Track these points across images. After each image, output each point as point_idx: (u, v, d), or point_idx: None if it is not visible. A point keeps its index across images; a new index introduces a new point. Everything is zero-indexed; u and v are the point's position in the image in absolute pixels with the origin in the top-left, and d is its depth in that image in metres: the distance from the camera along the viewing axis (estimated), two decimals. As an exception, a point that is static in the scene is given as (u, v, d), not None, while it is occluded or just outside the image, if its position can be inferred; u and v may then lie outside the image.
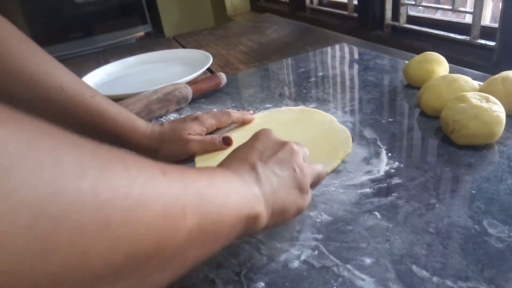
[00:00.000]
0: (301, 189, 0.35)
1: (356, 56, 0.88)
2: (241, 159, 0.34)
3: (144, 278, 0.20)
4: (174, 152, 0.54)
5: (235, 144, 0.57)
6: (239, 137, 0.59)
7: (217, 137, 0.55)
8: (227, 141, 0.56)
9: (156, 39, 2.03)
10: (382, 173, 0.46)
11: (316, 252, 0.36)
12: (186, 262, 0.24)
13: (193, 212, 0.23)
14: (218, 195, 0.27)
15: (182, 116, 0.69)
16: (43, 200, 0.15)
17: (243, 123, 0.62)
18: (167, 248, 0.20)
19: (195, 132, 0.55)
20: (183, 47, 1.20)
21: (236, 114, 0.61)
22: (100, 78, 0.94)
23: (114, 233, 0.17)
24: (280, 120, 0.62)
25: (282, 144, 0.37)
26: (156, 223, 0.20)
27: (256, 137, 0.38)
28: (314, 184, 0.39)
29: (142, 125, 0.53)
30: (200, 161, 0.54)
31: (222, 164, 0.35)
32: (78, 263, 0.16)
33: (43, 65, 0.45)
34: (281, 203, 0.33)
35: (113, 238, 0.17)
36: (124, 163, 0.20)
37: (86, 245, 0.16)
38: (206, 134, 0.57)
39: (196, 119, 0.56)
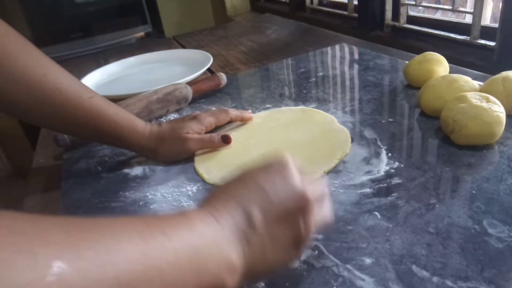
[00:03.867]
0: (297, 247, 0.30)
1: (356, 56, 0.88)
2: (243, 201, 0.28)
3: None
4: (173, 151, 0.54)
5: (234, 143, 0.57)
6: (238, 136, 0.59)
7: (216, 135, 0.56)
8: (226, 140, 0.56)
9: (156, 39, 2.03)
10: (382, 173, 0.46)
11: (316, 252, 0.36)
12: None
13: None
14: (165, 279, 0.21)
15: (182, 116, 0.70)
16: None
17: (242, 120, 0.62)
18: None
19: (193, 131, 0.55)
20: (183, 47, 1.20)
21: (234, 111, 0.61)
22: (100, 79, 0.94)
23: None
24: (280, 120, 0.62)
25: (298, 195, 0.29)
26: None
27: (270, 170, 0.30)
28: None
29: (141, 125, 0.53)
30: (199, 160, 0.54)
31: (218, 196, 0.29)
32: None
33: (40, 68, 0.45)
34: (266, 267, 0.28)
35: None
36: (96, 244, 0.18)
37: None
38: (206, 133, 0.57)
39: (194, 118, 0.56)
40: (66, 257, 0.17)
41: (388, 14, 1.10)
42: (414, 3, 1.02)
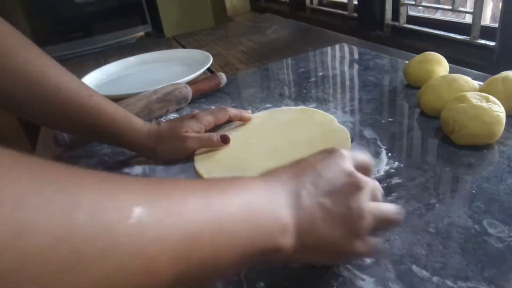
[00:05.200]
0: (351, 232, 0.29)
1: (356, 56, 0.88)
2: (295, 174, 0.29)
3: None
4: (172, 150, 0.54)
5: (235, 143, 0.57)
6: (238, 135, 0.59)
7: (215, 134, 0.56)
8: (224, 139, 0.56)
9: (156, 39, 2.03)
10: (382, 173, 0.46)
11: (316, 252, 0.36)
12: None
13: (169, 262, 0.20)
14: (223, 230, 0.23)
15: (182, 116, 0.70)
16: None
17: (241, 119, 0.62)
18: None
19: (192, 129, 0.55)
20: (183, 47, 1.20)
21: (233, 110, 0.61)
22: (100, 78, 0.94)
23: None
24: (280, 120, 0.62)
25: (349, 175, 0.30)
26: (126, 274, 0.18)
27: (326, 155, 0.31)
28: (380, 230, 0.32)
29: (139, 124, 0.53)
30: (199, 159, 0.54)
31: (275, 171, 0.30)
32: None
33: (40, 66, 0.45)
34: (317, 238, 0.28)
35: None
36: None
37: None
38: (205, 132, 0.57)
39: (193, 117, 0.56)
40: (144, 204, 0.20)
41: (388, 14, 1.10)
42: (414, 3, 1.02)
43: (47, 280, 0.16)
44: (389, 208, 0.32)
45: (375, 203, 0.31)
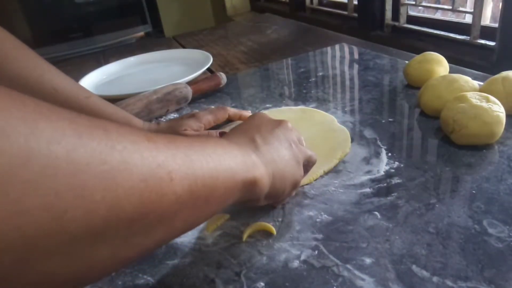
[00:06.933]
0: (297, 162, 0.38)
1: (356, 56, 0.88)
2: (240, 132, 0.36)
3: (127, 240, 0.20)
4: None
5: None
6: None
7: (214, 132, 0.56)
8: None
9: (156, 39, 2.03)
10: (382, 173, 0.46)
11: (316, 252, 0.36)
12: (175, 226, 0.24)
13: (182, 177, 0.23)
14: (210, 159, 0.27)
15: (182, 116, 0.70)
16: (13, 165, 0.15)
17: (240, 119, 0.62)
18: (151, 213, 0.21)
19: (191, 128, 0.55)
20: (183, 47, 1.20)
21: (233, 109, 0.61)
22: (100, 78, 0.94)
23: (90, 197, 0.18)
24: (280, 120, 0.62)
25: (279, 122, 0.39)
26: (138, 188, 0.20)
27: (252, 117, 0.40)
28: (304, 167, 0.40)
29: (138, 124, 0.53)
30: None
31: (225, 136, 0.37)
32: (53, 225, 0.16)
33: (37, 69, 0.46)
34: (281, 171, 0.35)
35: (90, 202, 0.18)
36: (105, 129, 0.20)
37: (61, 209, 0.16)
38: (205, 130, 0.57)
39: (192, 116, 0.56)
40: (150, 137, 0.23)
41: (388, 14, 1.10)
42: (414, 3, 1.02)
43: (107, 176, 0.18)
44: (309, 151, 0.41)
45: (302, 146, 0.40)
